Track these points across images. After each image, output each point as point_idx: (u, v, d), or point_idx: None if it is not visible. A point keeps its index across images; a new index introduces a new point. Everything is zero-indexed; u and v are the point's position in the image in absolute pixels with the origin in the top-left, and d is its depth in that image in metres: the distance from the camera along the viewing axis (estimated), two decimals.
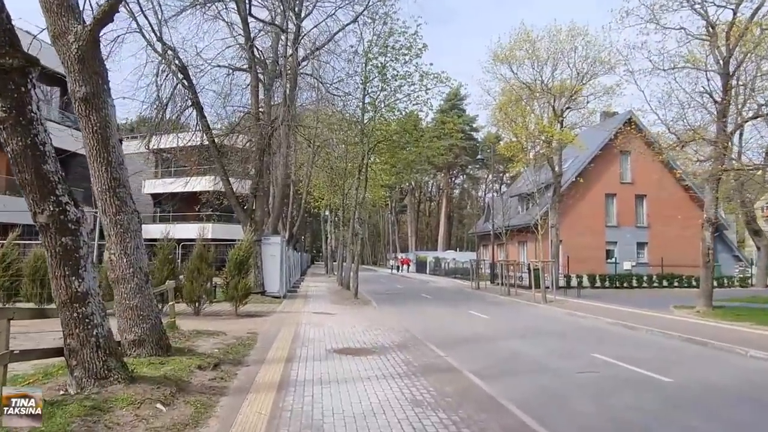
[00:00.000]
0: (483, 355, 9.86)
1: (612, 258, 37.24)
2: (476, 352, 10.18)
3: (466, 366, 8.25)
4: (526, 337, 12.24)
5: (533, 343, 11.34)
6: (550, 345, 11.22)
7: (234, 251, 14.48)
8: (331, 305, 18.48)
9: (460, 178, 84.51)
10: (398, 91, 21.70)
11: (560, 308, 18.48)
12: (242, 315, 14.38)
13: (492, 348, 10.69)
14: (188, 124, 19.79)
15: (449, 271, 48.43)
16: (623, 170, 38.49)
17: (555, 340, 12.02)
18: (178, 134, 20.42)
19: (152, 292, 7.17)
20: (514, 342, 11.49)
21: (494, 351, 10.35)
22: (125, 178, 6.76)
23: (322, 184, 36.98)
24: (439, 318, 16.27)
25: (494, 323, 15.00)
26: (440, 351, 9.53)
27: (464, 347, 10.63)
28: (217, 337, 10.00)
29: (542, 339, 12.07)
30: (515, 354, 10.05)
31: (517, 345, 11.09)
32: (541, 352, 10.25)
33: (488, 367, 8.64)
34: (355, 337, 11.03)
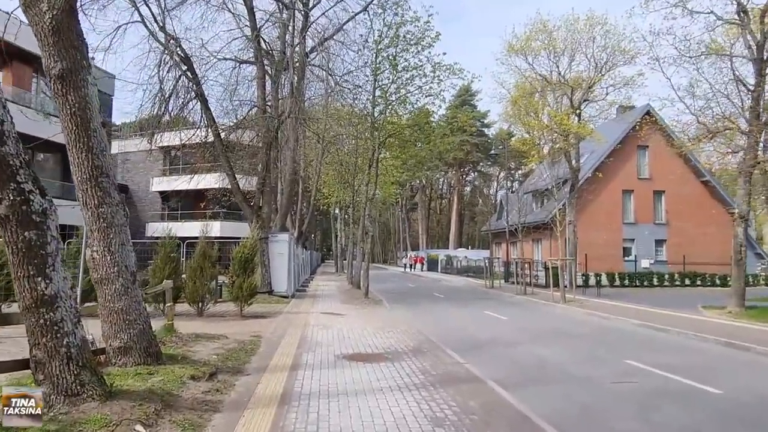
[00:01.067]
0: (505, 361, 9.06)
1: (629, 256, 36.25)
2: (497, 357, 9.37)
3: (489, 374, 7.46)
4: (548, 341, 11.41)
5: (558, 348, 10.51)
6: (576, 349, 10.39)
7: (238, 249, 13.78)
8: (341, 305, 17.75)
9: (472, 175, 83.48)
10: (410, 84, 20.99)
11: (580, 308, 17.59)
12: (247, 316, 13.68)
13: (514, 353, 9.87)
14: (193, 119, 19.09)
15: (461, 269, 47.55)
16: (641, 165, 37.41)
17: (580, 343, 11.18)
18: (182, 129, 19.80)
19: (140, 294, 6.45)
20: (537, 346, 10.67)
21: (516, 356, 9.54)
22: (109, 167, 6.04)
23: (332, 181, 36.28)
24: (454, 319, 15.47)
25: (512, 325, 14.17)
26: (459, 357, 8.74)
27: (484, 352, 9.83)
28: (217, 341, 9.28)
29: (566, 342, 11.23)
30: (540, 360, 9.23)
31: (540, 349, 10.26)
32: (567, 358, 9.42)
33: (513, 375, 7.85)
34: (365, 340, 10.27)
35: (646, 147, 36.72)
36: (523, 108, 29.35)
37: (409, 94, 21.10)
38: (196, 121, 18.30)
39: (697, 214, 36.04)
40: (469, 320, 15.18)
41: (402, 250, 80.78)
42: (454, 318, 15.70)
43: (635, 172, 36.87)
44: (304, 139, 28.39)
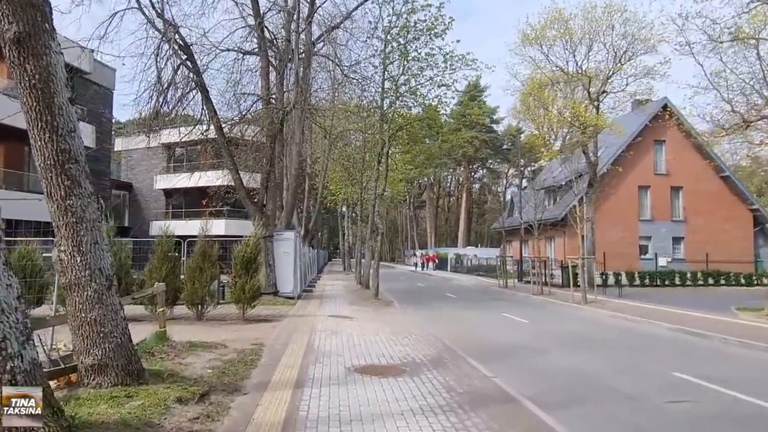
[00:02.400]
0: (536, 373, 8.06)
1: (646, 254, 35.14)
2: (527, 369, 8.38)
3: (523, 391, 6.48)
4: (578, 348, 10.40)
5: (591, 356, 9.49)
6: (612, 358, 9.37)
7: (240, 248, 12.83)
8: (350, 307, 16.80)
9: (480, 172, 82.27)
10: (420, 75, 20.03)
11: (604, 310, 16.55)
12: (250, 319, 12.77)
13: (544, 363, 8.87)
14: (194, 112, 18.14)
15: (471, 268, 46.53)
16: (657, 161, 36.24)
17: (615, 351, 10.16)
18: (182, 125, 18.90)
19: (118, 302, 5.49)
20: (567, 354, 9.66)
21: (548, 367, 8.54)
22: (79, 151, 5.09)
23: (339, 178, 35.35)
24: (471, 322, 14.48)
25: (534, 329, 13.17)
26: (484, 368, 7.75)
27: (510, 362, 8.84)
28: (214, 350, 8.34)
29: (599, 350, 10.22)
30: (576, 372, 8.23)
31: (571, 358, 9.25)
32: (605, 369, 8.41)
33: (550, 392, 6.86)
34: (378, 348, 9.30)
35: (662, 141, 35.60)
36: (532, 104, 28.36)
37: (420, 85, 20.17)
38: (196, 113, 17.36)
39: (716, 210, 34.89)
40: (487, 323, 14.17)
41: (410, 248, 79.73)
42: (471, 321, 14.70)
43: (652, 167, 35.71)
44: (311, 134, 27.44)
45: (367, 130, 24.31)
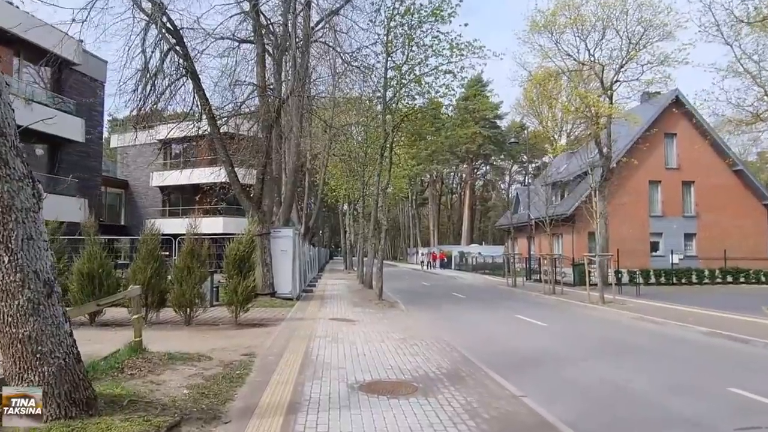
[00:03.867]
0: (571, 390, 6.95)
1: (657, 251, 34.05)
2: (558, 384, 7.26)
3: (560, 414, 5.37)
4: (609, 356, 9.27)
5: (628, 367, 8.36)
6: (651, 370, 8.24)
7: (232, 246, 11.73)
8: (352, 308, 15.68)
9: (483, 169, 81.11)
10: (424, 63, 18.94)
11: (626, 311, 15.41)
12: (243, 324, 11.66)
13: (576, 376, 7.75)
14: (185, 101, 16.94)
15: (477, 266, 45.40)
16: (668, 155, 35.09)
17: (653, 361, 9.03)
18: (173, 115, 17.79)
19: (61, 313, 4.37)
20: (599, 364, 8.54)
21: (582, 381, 7.42)
22: (7, 121, 3.97)
23: (340, 174, 34.23)
24: (485, 325, 13.36)
25: (555, 333, 12.05)
26: (509, 384, 6.64)
27: (538, 375, 7.72)
28: (196, 363, 7.23)
29: (634, 359, 9.08)
30: (616, 387, 7.11)
31: (606, 369, 8.13)
32: (649, 384, 7.29)
33: (592, 415, 5.76)
34: (386, 358, 8.18)
35: (673, 135, 34.45)
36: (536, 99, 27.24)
37: (425, 74, 19.06)
38: (187, 103, 16.19)
39: (730, 206, 33.77)
40: (502, 327, 13.05)
41: (412, 246, 78.61)
42: (485, 324, 13.57)
43: (662, 161, 34.58)
44: (310, 127, 26.29)
45: (370, 122, 23.21)
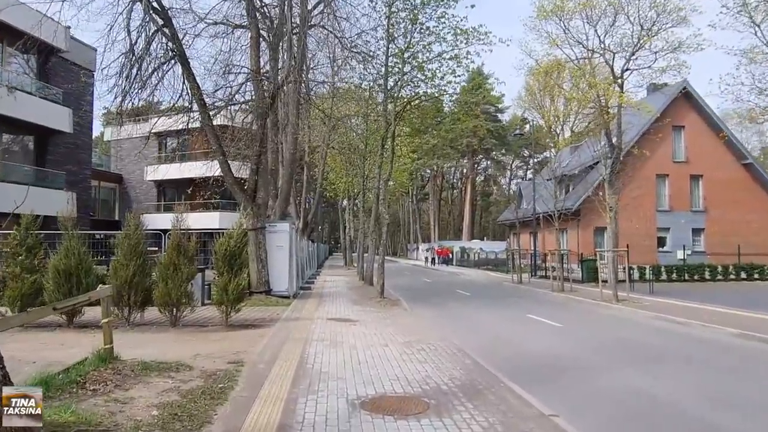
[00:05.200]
0: (605, 406, 6.02)
1: (664, 246, 33.16)
2: (589, 398, 6.33)
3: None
4: (638, 363, 8.34)
5: (662, 376, 7.44)
6: (692, 379, 7.33)
7: (222, 241, 10.78)
8: (352, 307, 14.78)
9: (484, 164, 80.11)
10: (428, 50, 18.04)
11: (643, 310, 14.49)
12: (235, 325, 10.76)
13: (606, 388, 6.81)
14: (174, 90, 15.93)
15: (479, 262, 44.54)
16: (676, 148, 34.14)
17: (688, 368, 8.10)
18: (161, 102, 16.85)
19: None
20: (630, 373, 7.61)
21: (614, 395, 6.49)
22: None
23: (340, 167, 33.28)
24: (495, 326, 12.44)
25: (573, 335, 11.14)
26: (534, 399, 5.72)
27: (565, 387, 6.80)
28: (174, 374, 6.31)
29: (667, 366, 8.16)
30: (654, 402, 6.18)
31: (639, 380, 7.21)
32: (695, 397, 6.37)
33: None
34: (390, 366, 7.26)
35: (681, 127, 33.49)
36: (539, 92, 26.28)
37: (428, 61, 18.15)
38: (177, 89, 15.20)
39: (739, 200, 32.87)
40: (514, 328, 12.13)
41: (412, 242, 77.72)
42: (494, 325, 12.66)
43: (670, 155, 33.62)
44: (308, 118, 25.32)
45: (370, 112, 22.26)
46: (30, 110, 20.93)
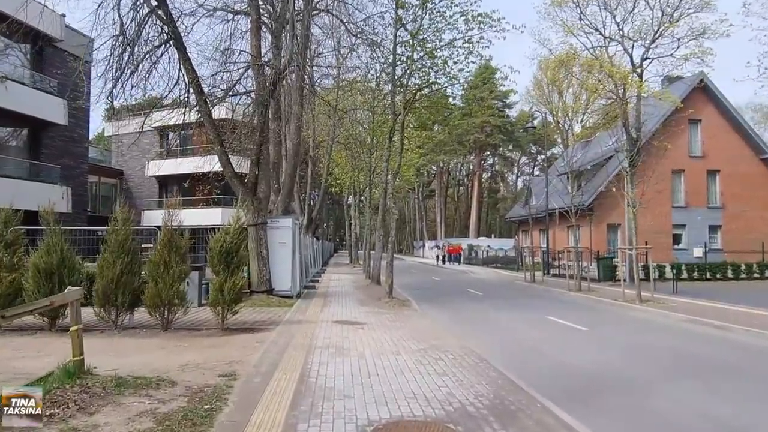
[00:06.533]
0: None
1: (679, 243, 32.07)
2: (645, 424, 5.36)
3: None
4: (689, 376, 7.34)
5: (722, 393, 6.45)
6: (756, 399, 6.35)
7: (218, 237, 9.85)
8: (359, 308, 13.84)
9: (492, 160, 78.92)
10: (438, 38, 17.10)
11: (671, 312, 13.47)
12: (232, 328, 9.85)
13: (662, 409, 5.81)
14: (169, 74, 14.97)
15: (487, 260, 43.46)
16: (692, 142, 32.98)
17: (747, 383, 7.11)
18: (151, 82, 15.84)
19: None
20: (684, 389, 6.61)
21: (674, 419, 5.51)
22: None
23: (345, 162, 32.34)
24: (515, 330, 11.45)
25: (603, 341, 10.15)
26: (580, 425, 4.76)
27: (610, 407, 5.83)
28: (153, 393, 5.36)
29: (723, 381, 7.15)
30: (726, 429, 5.21)
31: (698, 398, 6.22)
32: None
33: None
34: (405, 380, 6.30)
35: (698, 121, 32.33)
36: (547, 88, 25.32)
37: (438, 48, 17.20)
38: (172, 76, 14.26)
39: (757, 196, 31.76)
40: (535, 333, 11.13)
41: (418, 239, 76.68)
42: (514, 329, 11.67)
43: (686, 149, 32.46)
44: (312, 109, 24.36)
45: (378, 103, 21.30)
46: (23, 101, 20.10)
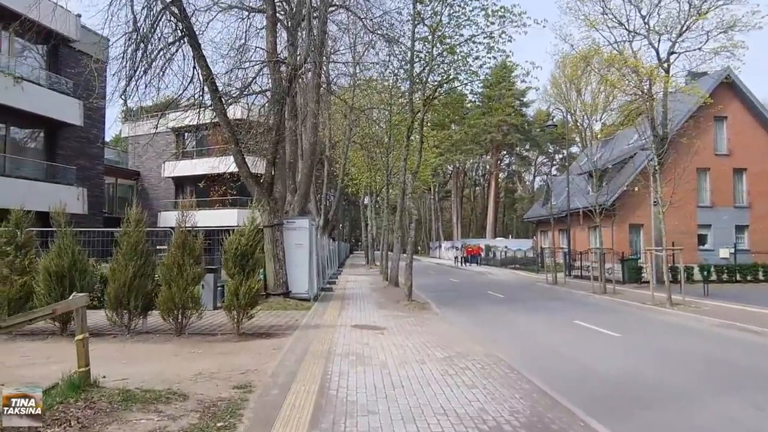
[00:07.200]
0: None
1: (704, 244, 31.10)
2: None
3: None
4: (739, 388, 6.78)
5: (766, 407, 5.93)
6: None
7: (232, 239, 9.50)
8: (378, 311, 13.41)
9: (507, 160, 78.00)
10: (458, 33, 16.68)
11: (705, 316, 12.82)
12: (247, 333, 9.48)
13: (716, 429, 5.32)
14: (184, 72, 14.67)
15: (505, 261, 42.75)
16: (718, 140, 31.99)
17: None
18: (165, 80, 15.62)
19: None
20: (735, 404, 6.06)
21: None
22: None
23: (361, 162, 31.95)
24: (543, 336, 10.93)
25: (638, 349, 9.58)
26: None
27: (660, 424, 5.32)
28: (162, 408, 4.98)
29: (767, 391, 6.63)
30: None
31: (753, 416, 5.69)
32: None
33: None
34: (432, 392, 5.84)
35: (724, 118, 31.33)
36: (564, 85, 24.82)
37: (457, 45, 16.75)
38: (186, 74, 13.95)
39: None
40: (564, 338, 10.59)
41: (434, 239, 76.09)
42: (541, 334, 11.14)
43: (712, 147, 31.45)
44: (329, 109, 24.00)
45: (396, 101, 20.89)
46: (39, 102, 20.00)
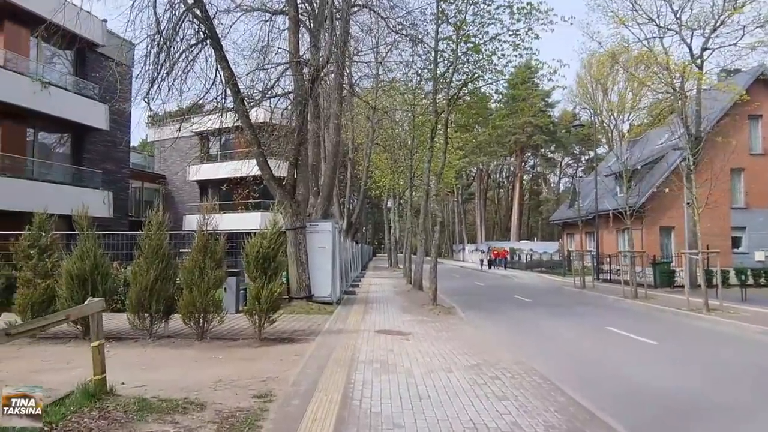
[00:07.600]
0: None
1: (739, 247, 30.09)
2: None
3: None
4: None
5: None
6: None
7: (254, 242, 9.31)
8: (402, 316, 13.12)
9: (532, 162, 76.99)
10: (483, 32, 16.34)
11: (746, 323, 12.20)
12: (269, 338, 9.29)
13: None
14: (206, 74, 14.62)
15: (531, 264, 42.00)
16: (753, 139, 30.90)
17: None
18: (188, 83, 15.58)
19: None
20: None
21: None
22: None
23: (384, 164, 31.73)
24: (574, 343, 10.50)
25: (678, 358, 9.10)
26: None
27: None
28: (179, 418, 4.77)
29: None
30: None
31: None
32: None
33: None
34: (460, 404, 5.52)
35: (758, 117, 30.27)
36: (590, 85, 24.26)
37: (483, 44, 16.40)
38: (209, 76, 13.89)
39: None
40: (597, 346, 10.14)
41: (458, 242, 75.47)
42: (572, 341, 10.71)
43: (746, 146, 30.37)
44: (351, 109, 23.83)
45: (417, 103, 20.61)
46: (67, 107, 20.27)
